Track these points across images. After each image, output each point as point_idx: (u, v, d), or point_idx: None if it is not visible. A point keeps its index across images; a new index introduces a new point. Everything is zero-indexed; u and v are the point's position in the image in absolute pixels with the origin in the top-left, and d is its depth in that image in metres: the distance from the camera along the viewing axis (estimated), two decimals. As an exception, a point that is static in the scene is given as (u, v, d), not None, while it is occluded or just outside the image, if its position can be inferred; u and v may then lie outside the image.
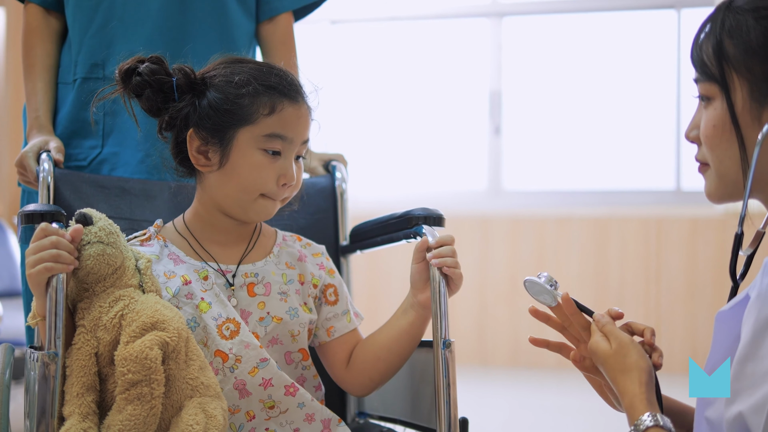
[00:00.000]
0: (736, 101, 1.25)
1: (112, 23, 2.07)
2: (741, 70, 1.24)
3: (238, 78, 1.62)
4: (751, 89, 1.23)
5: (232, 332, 1.61)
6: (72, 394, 1.42)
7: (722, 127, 1.27)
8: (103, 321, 1.45)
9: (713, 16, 1.29)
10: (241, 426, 1.62)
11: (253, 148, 1.61)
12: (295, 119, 1.64)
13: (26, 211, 1.53)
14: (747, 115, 1.24)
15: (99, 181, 1.93)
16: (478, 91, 5.57)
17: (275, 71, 1.66)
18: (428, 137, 5.64)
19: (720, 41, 1.25)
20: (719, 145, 1.28)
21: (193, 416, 1.44)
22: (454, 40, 5.64)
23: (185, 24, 2.09)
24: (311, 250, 1.80)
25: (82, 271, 1.47)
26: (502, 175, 5.50)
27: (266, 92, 1.62)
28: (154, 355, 1.40)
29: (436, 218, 1.72)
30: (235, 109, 1.61)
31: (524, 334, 5.18)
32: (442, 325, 1.61)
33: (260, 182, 1.62)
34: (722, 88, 1.26)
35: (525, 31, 5.56)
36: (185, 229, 1.71)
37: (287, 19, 2.24)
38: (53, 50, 2.11)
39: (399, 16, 5.68)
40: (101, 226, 1.49)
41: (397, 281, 5.20)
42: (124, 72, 1.66)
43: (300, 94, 1.67)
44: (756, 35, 1.22)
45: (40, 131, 2.02)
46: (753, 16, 1.23)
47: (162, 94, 1.64)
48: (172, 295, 1.61)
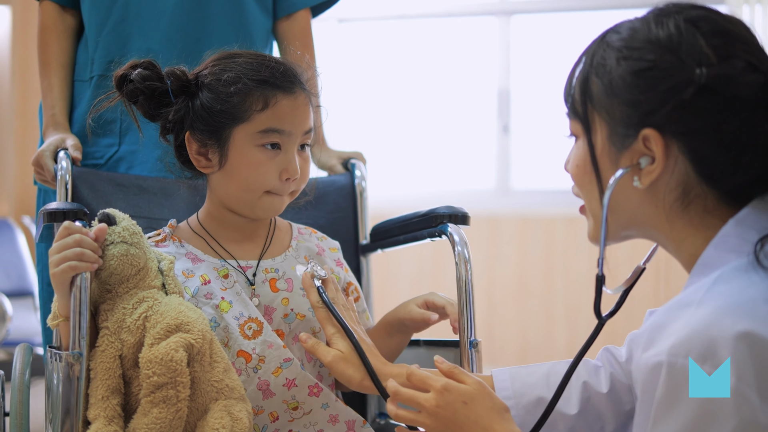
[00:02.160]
0: (597, 143, 1.19)
1: (128, 20, 2.05)
2: (602, 112, 1.18)
3: (227, 75, 1.57)
4: (610, 132, 1.18)
5: (255, 332, 1.59)
6: (97, 397, 1.40)
7: (584, 168, 1.22)
8: (127, 323, 1.43)
9: (588, 49, 1.22)
10: (264, 427, 1.60)
11: (251, 145, 1.57)
12: (291, 111, 1.59)
13: (48, 209, 1.51)
14: (606, 158, 1.19)
15: (117, 179, 1.91)
16: (486, 90, 5.54)
17: (267, 63, 1.60)
18: (436, 136, 5.61)
19: (587, 78, 1.20)
20: (583, 185, 1.24)
21: (219, 419, 1.42)
22: (462, 39, 5.62)
23: (202, 20, 2.07)
24: (327, 243, 1.79)
25: (105, 272, 1.45)
26: (511, 174, 5.47)
27: (258, 87, 1.56)
28: (180, 357, 1.38)
29: (462, 216, 1.71)
30: (227, 108, 1.56)
31: (532, 333, 5.16)
32: (469, 326, 1.59)
33: (261, 180, 1.59)
34: (584, 128, 1.21)
35: (533, 30, 5.54)
36: (201, 228, 1.69)
37: (305, 16, 2.22)
38: (69, 47, 2.09)
39: (407, 14, 5.66)
40: (125, 226, 1.47)
41: (405, 282, 5.18)
42: (119, 78, 1.63)
43: (296, 84, 1.61)
44: (617, 76, 1.16)
45: (57, 129, 2.00)
46: (616, 56, 1.16)
47: (155, 100, 1.62)
48: (191, 295, 1.58)
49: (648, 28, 1.16)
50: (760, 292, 1.04)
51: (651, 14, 1.18)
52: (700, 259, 1.14)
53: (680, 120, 1.12)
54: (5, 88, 5.46)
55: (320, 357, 1.52)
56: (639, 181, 1.16)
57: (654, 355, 1.04)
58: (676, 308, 1.07)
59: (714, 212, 1.14)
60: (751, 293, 1.04)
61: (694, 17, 1.14)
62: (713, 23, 1.14)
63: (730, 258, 1.10)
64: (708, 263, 1.12)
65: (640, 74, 1.14)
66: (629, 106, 1.15)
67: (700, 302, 1.05)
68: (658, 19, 1.16)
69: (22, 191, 5.33)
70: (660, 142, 1.13)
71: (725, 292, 1.05)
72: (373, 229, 1.99)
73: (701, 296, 1.05)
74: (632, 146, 1.15)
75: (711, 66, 1.10)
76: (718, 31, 1.13)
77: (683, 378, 1.00)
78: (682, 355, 1.01)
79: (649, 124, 1.13)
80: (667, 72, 1.12)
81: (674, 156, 1.13)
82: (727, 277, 1.07)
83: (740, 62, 1.11)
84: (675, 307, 1.08)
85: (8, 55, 5.51)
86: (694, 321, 1.02)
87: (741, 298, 1.03)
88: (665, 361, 1.02)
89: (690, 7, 1.17)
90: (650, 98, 1.13)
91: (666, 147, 1.13)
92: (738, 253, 1.09)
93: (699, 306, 1.04)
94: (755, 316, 1.01)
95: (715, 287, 1.06)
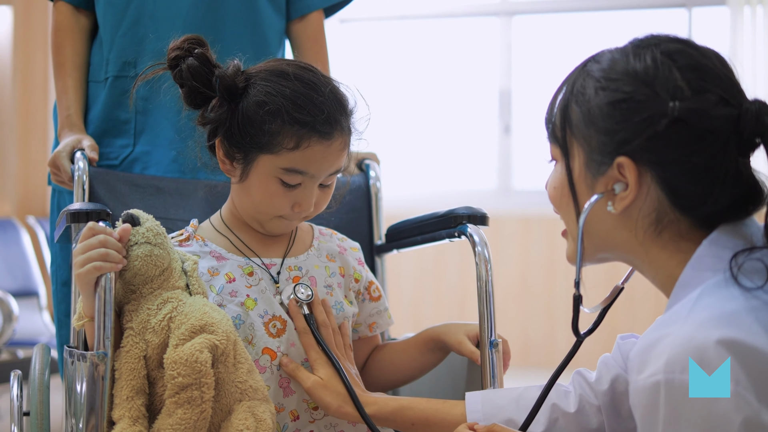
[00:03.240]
0: (574, 167, 1.23)
1: (143, 21, 2.05)
2: (580, 139, 1.21)
3: (270, 107, 1.52)
4: (587, 159, 1.21)
5: (279, 330, 1.60)
6: (122, 398, 1.40)
7: (561, 190, 1.26)
8: (152, 323, 1.43)
9: (570, 76, 1.26)
10: (285, 426, 1.60)
11: (271, 176, 1.55)
12: (321, 157, 1.55)
13: (72, 210, 1.51)
14: (582, 183, 1.22)
15: (133, 180, 1.91)
16: (487, 90, 5.56)
17: (315, 100, 1.54)
18: (438, 136, 5.62)
19: (567, 105, 1.23)
20: (561, 207, 1.28)
21: (243, 420, 1.42)
22: (464, 39, 5.63)
23: (216, 22, 2.07)
24: (348, 244, 1.80)
25: (129, 272, 1.45)
26: (512, 175, 5.48)
27: (294, 126, 1.52)
28: (204, 359, 1.38)
29: (481, 217, 1.71)
30: (260, 136, 1.53)
31: (534, 333, 5.17)
32: (489, 326, 1.59)
33: (272, 209, 1.59)
34: (563, 153, 1.24)
35: (535, 30, 5.55)
36: (224, 227, 1.68)
37: (318, 17, 2.22)
38: (83, 48, 2.09)
39: (408, 15, 5.66)
40: (149, 227, 1.47)
41: (407, 281, 5.19)
42: (172, 59, 1.59)
43: (335, 128, 1.55)
44: (594, 105, 1.19)
45: (72, 130, 2.00)
46: (595, 86, 1.20)
47: (200, 94, 1.59)
48: (217, 293, 1.59)
49: (626, 60, 1.19)
50: (741, 305, 1.07)
51: (630, 45, 1.22)
52: (680, 280, 1.17)
53: (654, 150, 1.15)
54: (7, 88, 5.45)
55: (300, 382, 1.57)
56: (612, 207, 1.19)
57: (650, 375, 1.06)
58: (664, 327, 1.09)
59: (687, 236, 1.18)
60: (733, 306, 1.07)
61: (671, 51, 1.18)
62: (689, 57, 1.17)
63: (707, 276, 1.13)
64: (687, 283, 1.15)
65: (616, 105, 1.17)
66: (605, 134, 1.18)
67: (686, 318, 1.07)
68: (636, 50, 1.20)
69: (25, 191, 5.33)
70: (633, 171, 1.17)
71: (709, 306, 1.07)
72: (389, 230, 1.99)
73: (686, 313, 1.08)
74: (607, 173, 1.19)
75: (685, 99, 1.14)
76: (693, 65, 1.16)
77: (684, 393, 1.02)
78: (678, 371, 1.03)
79: (623, 152, 1.17)
80: (642, 104, 1.16)
81: (647, 184, 1.17)
82: (709, 292, 1.10)
83: (713, 96, 1.14)
84: (662, 326, 1.10)
85: (10, 55, 5.50)
86: (682, 336, 1.05)
87: (724, 310, 1.06)
88: (663, 380, 1.04)
89: (668, 39, 1.20)
90: (625, 128, 1.16)
91: (639, 175, 1.17)
92: (714, 271, 1.13)
93: (685, 321, 1.07)
94: (739, 326, 1.04)
95: (698, 303, 1.09)
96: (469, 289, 5.31)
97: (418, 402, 1.57)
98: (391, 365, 1.77)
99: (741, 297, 1.08)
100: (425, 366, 1.76)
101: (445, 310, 5.35)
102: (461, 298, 5.35)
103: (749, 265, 1.11)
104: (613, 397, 1.42)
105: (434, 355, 1.74)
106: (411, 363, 1.75)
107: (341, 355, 1.63)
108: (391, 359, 1.77)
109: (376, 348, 1.81)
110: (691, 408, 1.02)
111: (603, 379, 1.44)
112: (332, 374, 1.57)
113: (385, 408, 1.56)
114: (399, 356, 1.77)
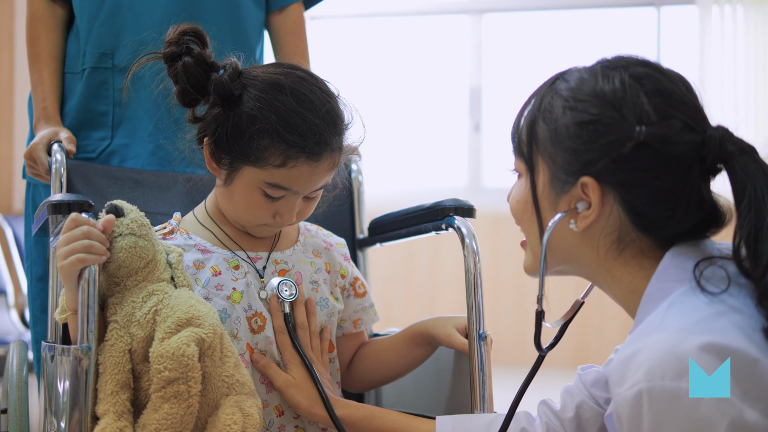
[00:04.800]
0: (539, 183, 1.24)
1: (121, 12, 2.01)
2: (545, 156, 1.22)
3: (260, 125, 1.48)
4: (551, 176, 1.22)
5: (259, 327, 1.58)
6: (106, 393, 1.36)
7: (524, 205, 1.27)
8: (137, 317, 1.40)
9: (538, 91, 1.27)
10: (270, 422, 1.58)
11: (255, 186, 1.53)
12: (307, 177, 1.52)
13: (53, 201, 1.47)
14: (545, 199, 1.24)
15: (112, 172, 1.88)
16: (458, 88, 5.55)
17: (308, 122, 1.50)
18: (408, 134, 5.61)
19: (534, 121, 1.24)
20: (522, 221, 1.29)
21: (231, 415, 1.39)
22: (434, 37, 5.63)
23: (195, 13, 2.03)
24: (334, 239, 1.78)
25: (113, 264, 1.42)
26: (483, 172, 5.49)
27: (283, 145, 1.48)
28: (191, 352, 1.35)
29: (468, 209, 1.70)
30: (247, 149, 1.50)
31: (505, 331, 5.17)
32: (477, 319, 1.58)
33: (254, 218, 1.58)
34: (528, 168, 1.25)
35: (505, 28, 5.56)
36: (209, 220, 1.66)
37: (298, 9, 2.20)
38: (59, 39, 2.05)
39: (379, 12, 5.65)
40: (133, 218, 1.44)
41: (377, 282, 5.16)
42: (168, 55, 1.56)
43: (325, 150, 1.52)
44: (561, 124, 1.20)
45: (48, 122, 1.97)
46: (563, 105, 1.20)
47: (193, 95, 1.55)
48: (202, 287, 1.56)
49: (595, 81, 1.20)
50: (712, 310, 1.08)
51: (599, 66, 1.22)
52: (645, 294, 1.18)
53: (618, 172, 1.17)
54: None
55: (271, 379, 1.57)
56: (575, 225, 1.21)
57: (631, 385, 1.06)
58: (639, 339, 1.10)
59: (649, 254, 1.20)
60: (704, 312, 1.08)
61: (639, 75, 1.19)
62: (656, 82, 1.18)
63: (673, 287, 1.14)
64: (653, 296, 1.16)
65: (583, 126, 1.18)
66: (571, 154, 1.19)
67: (660, 327, 1.08)
68: (605, 72, 1.20)
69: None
70: (597, 191, 1.18)
71: (680, 314, 1.09)
72: (372, 223, 1.98)
73: (659, 322, 1.09)
74: (571, 191, 1.20)
75: (651, 124, 1.15)
76: (660, 90, 1.17)
77: (666, 399, 1.03)
78: (658, 378, 1.03)
79: (588, 172, 1.18)
80: (608, 127, 1.16)
81: (610, 204, 1.18)
82: (678, 301, 1.11)
83: (678, 122, 1.15)
84: (637, 339, 1.10)
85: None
86: (659, 344, 1.05)
87: (696, 317, 1.07)
88: (644, 388, 1.04)
89: (636, 63, 1.21)
90: (591, 149, 1.17)
91: (602, 195, 1.18)
92: (680, 282, 1.14)
93: (660, 331, 1.07)
94: (713, 329, 1.05)
95: (669, 312, 1.10)
96: (444, 287, 5.31)
97: (389, 413, 1.57)
98: (378, 362, 1.75)
99: (709, 303, 1.09)
100: (413, 362, 1.74)
101: (416, 306, 5.34)
102: (432, 293, 5.34)
103: (711, 272, 1.13)
104: (579, 423, 1.44)
105: (422, 350, 1.73)
106: (398, 359, 1.73)
107: (316, 359, 1.62)
108: (378, 356, 1.76)
109: (361, 345, 1.79)
110: (675, 413, 1.03)
111: (568, 407, 1.46)
112: (305, 375, 1.57)
113: (355, 413, 1.56)
114: (386, 352, 1.75)
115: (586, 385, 1.46)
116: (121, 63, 1.99)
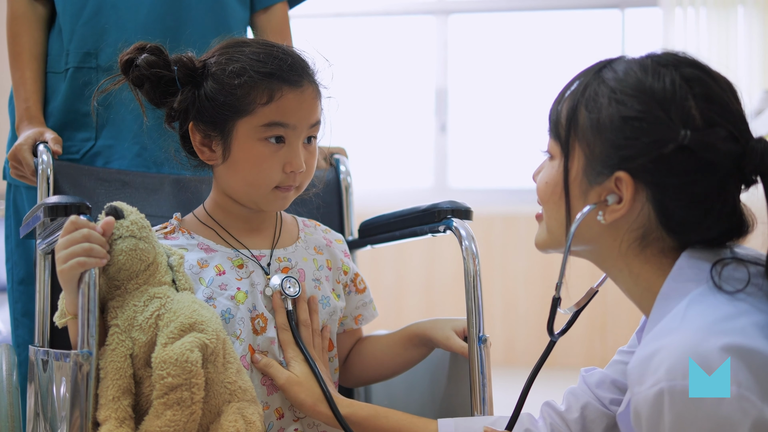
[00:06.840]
0: (572, 169, 1.24)
1: (104, 11, 1.97)
2: (583, 144, 1.22)
3: (233, 66, 1.53)
4: (587, 165, 1.22)
5: (261, 328, 1.57)
6: (107, 398, 1.34)
7: (554, 188, 1.27)
8: (139, 321, 1.37)
9: (583, 75, 1.26)
10: (270, 425, 1.56)
11: (254, 139, 1.53)
12: (297, 105, 1.54)
13: (49, 203, 1.44)
14: (577, 187, 1.24)
15: (98, 174, 1.84)
16: (423, 89, 5.55)
17: (275, 54, 1.55)
18: (374, 134, 5.60)
19: (576, 106, 1.24)
20: (548, 203, 1.29)
21: (233, 423, 1.38)
22: (400, 38, 5.62)
23: (180, 12, 2.01)
24: (333, 236, 1.77)
25: (114, 267, 1.39)
26: (448, 173, 5.49)
27: (263, 80, 1.52)
28: (195, 358, 1.33)
29: (465, 211, 1.69)
30: (231, 101, 1.52)
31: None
32: (477, 321, 1.58)
33: (264, 175, 1.54)
34: (563, 153, 1.25)
35: (471, 29, 5.56)
36: (210, 219, 1.64)
37: (282, 8, 2.19)
38: (41, 38, 2.01)
39: (344, 12, 5.63)
40: (133, 220, 1.42)
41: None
42: (125, 63, 1.58)
43: (303, 77, 1.56)
44: (605, 116, 1.20)
45: (32, 122, 1.92)
46: (609, 96, 1.20)
47: (161, 88, 1.57)
48: (206, 286, 1.55)
49: (645, 76, 1.19)
50: (731, 310, 1.08)
51: (650, 60, 1.22)
52: (661, 293, 1.18)
53: (655, 172, 1.17)
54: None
55: (273, 378, 1.55)
56: (603, 217, 1.21)
57: (652, 385, 1.06)
58: (658, 339, 1.10)
59: (669, 254, 1.20)
60: (723, 311, 1.08)
61: (690, 76, 1.18)
62: (706, 87, 1.18)
63: (689, 287, 1.15)
64: (668, 295, 1.17)
65: (627, 121, 1.18)
66: (611, 146, 1.19)
67: (680, 327, 1.08)
68: (656, 68, 1.20)
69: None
70: (631, 187, 1.18)
71: (700, 314, 1.09)
72: (363, 225, 1.96)
73: (679, 322, 1.09)
74: (604, 183, 1.20)
75: (696, 130, 1.15)
76: (708, 95, 1.17)
77: (687, 398, 1.03)
78: (680, 377, 1.03)
79: (624, 168, 1.18)
80: (653, 126, 1.16)
81: (641, 201, 1.19)
82: (697, 301, 1.11)
83: (723, 131, 1.15)
84: (656, 338, 1.10)
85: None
86: (680, 343, 1.06)
87: (716, 316, 1.08)
88: (666, 387, 1.04)
89: (687, 63, 1.21)
90: (632, 145, 1.17)
91: (635, 192, 1.18)
92: (697, 282, 1.14)
93: (680, 330, 1.08)
94: (734, 330, 1.05)
95: (689, 312, 1.10)
96: (410, 287, 5.30)
97: (393, 413, 1.56)
98: (373, 359, 1.74)
99: (728, 303, 1.09)
100: (408, 362, 1.73)
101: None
102: (403, 295, 5.33)
103: (728, 273, 1.13)
104: (584, 425, 1.45)
105: (418, 351, 1.72)
106: (394, 358, 1.73)
107: (318, 357, 1.60)
108: (374, 353, 1.75)
109: (358, 340, 1.78)
110: (696, 412, 1.03)
111: (572, 408, 1.46)
112: (308, 373, 1.55)
113: (359, 412, 1.55)
114: (382, 351, 1.74)
115: (591, 387, 1.46)
116: (106, 63, 1.95)
